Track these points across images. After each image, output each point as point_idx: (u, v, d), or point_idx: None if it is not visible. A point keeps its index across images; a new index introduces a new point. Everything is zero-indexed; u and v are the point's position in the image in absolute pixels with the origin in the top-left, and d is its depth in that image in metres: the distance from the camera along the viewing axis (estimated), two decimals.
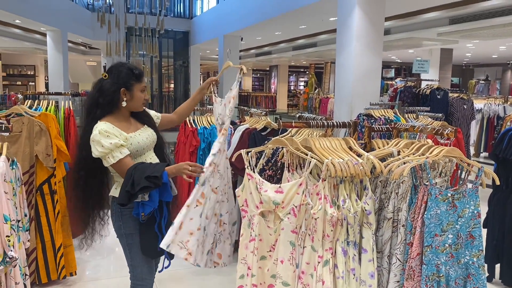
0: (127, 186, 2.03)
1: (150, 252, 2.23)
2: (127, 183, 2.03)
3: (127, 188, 2.02)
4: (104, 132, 2.12)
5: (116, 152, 2.11)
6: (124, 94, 2.25)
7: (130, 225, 2.21)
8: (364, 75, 5.86)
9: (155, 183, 2.03)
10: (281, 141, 2.02)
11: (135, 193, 2.02)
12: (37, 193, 3.23)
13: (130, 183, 2.03)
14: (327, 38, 11.35)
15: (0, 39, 12.05)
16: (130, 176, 2.04)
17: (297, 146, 2.01)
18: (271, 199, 1.97)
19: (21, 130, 3.17)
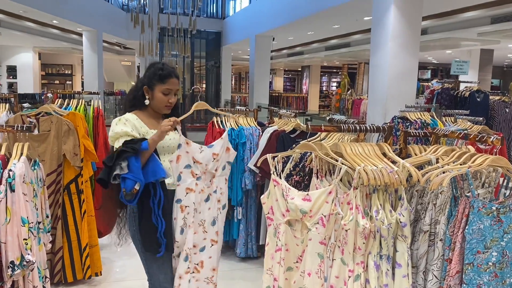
0: (107, 161, 1.99)
1: (150, 247, 2.13)
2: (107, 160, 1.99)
3: (106, 161, 1.99)
4: (123, 120, 2.16)
5: (122, 138, 2.09)
6: (146, 92, 2.26)
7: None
8: (399, 76, 5.65)
9: (132, 148, 1.97)
10: (309, 145, 1.90)
11: (112, 164, 1.95)
12: (64, 192, 3.24)
13: (110, 156, 1.99)
14: (361, 38, 11.08)
15: (39, 39, 12.40)
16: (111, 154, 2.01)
17: (326, 151, 1.88)
18: (298, 207, 1.85)
19: (50, 129, 3.18)
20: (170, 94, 2.22)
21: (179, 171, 2.14)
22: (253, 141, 3.79)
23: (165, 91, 2.20)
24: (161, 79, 2.19)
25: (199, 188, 2.19)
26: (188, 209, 2.16)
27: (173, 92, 2.24)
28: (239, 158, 3.75)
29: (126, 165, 1.96)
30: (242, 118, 4.00)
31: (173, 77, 2.21)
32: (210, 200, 2.25)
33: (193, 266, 2.23)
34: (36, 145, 3.17)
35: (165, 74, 2.20)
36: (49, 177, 3.17)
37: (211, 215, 2.26)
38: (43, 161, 3.18)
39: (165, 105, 2.23)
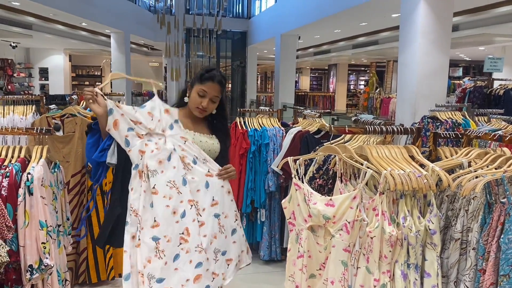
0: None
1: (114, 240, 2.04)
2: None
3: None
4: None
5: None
6: (188, 90, 2.23)
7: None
8: (429, 74, 5.47)
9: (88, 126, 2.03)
10: (332, 148, 1.83)
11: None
12: (89, 194, 3.25)
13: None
14: (389, 36, 10.83)
15: (69, 41, 12.69)
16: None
17: (350, 154, 1.80)
18: (321, 213, 1.78)
19: (74, 131, 3.20)
20: (205, 98, 2.13)
21: (124, 135, 1.96)
22: (276, 142, 3.72)
23: (200, 92, 2.13)
24: (201, 79, 2.14)
25: (151, 148, 1.99)
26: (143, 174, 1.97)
27: (209, 96, 2.13)
28: (262, 160, 3.69)
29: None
30: (265, 118, 3.94)
31: (213, 82, 2.12)
32: (172, 158, 2.01)
33: (178, 236, 1.97)
34: (61, 147, 3.20)
35: (206, 76, 2.14)
36: (74, 178, 3.19)
37: (178, 174, 2.01)
38: (68, 162, 3.20)
39: (196, 107, 2.15)
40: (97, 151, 1.99)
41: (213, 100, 2.16)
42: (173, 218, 1.95)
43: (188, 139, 2.08)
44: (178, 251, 1.94)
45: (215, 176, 2.12)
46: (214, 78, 2.13)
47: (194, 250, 1.96)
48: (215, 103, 2.19)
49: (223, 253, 2.09)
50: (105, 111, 1.95)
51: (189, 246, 1.95)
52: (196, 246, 1.97)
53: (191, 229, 1.97)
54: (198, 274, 1.97)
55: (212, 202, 2.07)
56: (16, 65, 16.15)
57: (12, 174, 1.61)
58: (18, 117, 3.34)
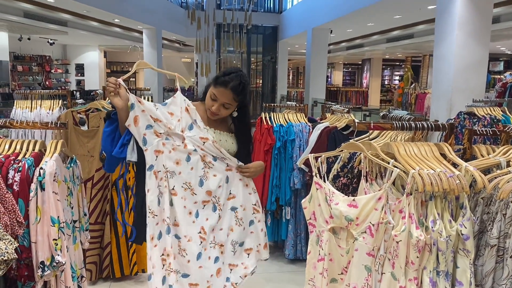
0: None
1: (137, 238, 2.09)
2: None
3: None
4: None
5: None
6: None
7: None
8: (466, 68, 5.21)
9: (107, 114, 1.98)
10: (356, 145, 1.71)
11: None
12: (113, 188, 3.25)
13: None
14: (425, 29, 10.45)
15: (103, 37, 12.94)
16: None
17: (376, 151, 1.68)
18: (343, 214, 1.67)
19: (99, 125, 3.20)
20: (216, 102, 2.02)
21: (142, 133, 1.91)
22: (302, 138, 3.61)
23: (212, 95, 2.03)
24: (215, 82, 2.03)
25: (168, 148, 1.94)
26: (160, 174, 1.94)
27: (219, 102, 2.02)
28: (287, 156, 3.59)
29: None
30: (291, 114, 3.83)
31: (225, 88, 1.98)
32: (192, 159, 1.98)
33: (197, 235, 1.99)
34: (86, 141, 3.21)
35: (221, 80, 2.01)
36: (98, 173, 3.19)
37: (196, 175, 1.98)
38: (92, 157, 3.21)
39: (208, 108, 2.06)
40: (117, 147, 1.94)
41: (225, 106, 2.04)
42: (189, 219, 1.99)
43: (208, 138, 2.00)
44: (200, 249, 2.00)
45: (234, 170, 2.11)
46: (227, 84, 1.99)
47: (209, 246, 2.02)
48: (228, 109, 2.06)
49: (241, 244, 2.14)
50: (126, 105, 1.90)
51: (206, 243, 2.01)
52: (210, 242, 2.03)
53: (205, 227, 2.01)
54: (218, 268, 2.04)
55: (229, 195, 2.10)
56: (54, 61, 16.67)
57: (24, 169, 1.59)
58: (44, 111, 3.38)
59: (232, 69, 2.06)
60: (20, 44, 13.69)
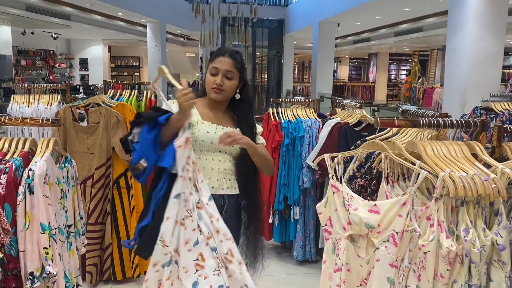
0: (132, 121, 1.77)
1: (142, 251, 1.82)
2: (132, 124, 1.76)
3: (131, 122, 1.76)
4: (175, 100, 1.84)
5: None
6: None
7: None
8: (481, 62, 5.02)
9: (147, 115, 1.70)
10: (378, 144, 1.54)
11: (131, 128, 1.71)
12: (114, 187, 3.10)
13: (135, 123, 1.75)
14: (434, 22, 10.22)
15: (107, 31, 12.78)
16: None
17: (400, 151, 1.51)
18: (363, 221, 1.51)
19: (99, 121, 3.05)
20: (218, 75, 1.89)
21: (185, 157, 1.69)
22: (312, 135, 3.44)
23: (212, 70, 1.91)
24: (211, 57, 1.94)
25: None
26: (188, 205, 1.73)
27: (221, 72, 1.89)
28: (296, 154, 3.43)
29: (138, 133, 1.68)
30: (300, 109, 3.66)
31: (223, 55, 1.90)
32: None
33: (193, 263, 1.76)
34: (85, 137, 3.06)
35: (216, 53, 1.94)
36: (98, 171, 3.05)
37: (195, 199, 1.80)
38: (92, 154, 3.07)
39: (211, 87, 1.91)
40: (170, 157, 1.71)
41: (228, 76, 1.90)
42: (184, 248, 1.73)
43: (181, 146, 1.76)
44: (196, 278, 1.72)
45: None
46: (224, 53, 1.92)
47: (212, 275, 1.72)
48: (231, 79, 1.92)
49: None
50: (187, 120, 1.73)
51: (206, 272, 1.72)
52: (213, 270, 1.73)
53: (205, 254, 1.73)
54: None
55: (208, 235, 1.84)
56: (58, 56, 16.55)
57: (11, 170, 1.44)
58: (42, 106, 3.23)
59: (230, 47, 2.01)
60: (23, 39, 13.56)
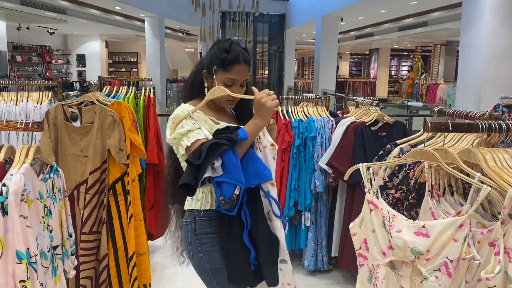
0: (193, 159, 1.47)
1: (237, 278, 1.61)
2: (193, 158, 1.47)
3: (192, 159, 1.47)
4: (185, 111, 1.64)
5: (192, 133, 1.57)
6: (205, 78, 1.75)
7: (216, 257, 1.64)
8: (498, 56, 4.76)
9: (228, 138, 1.47)
10: (428, 153, 1.28)
11: (201, 162, 1.44)
12: (110, 193, 2.84)
13: (197, 155, 1.47)
14: (440, 16, 9.95)
15: (104, 26, 12.47)
16: (197, 149, 1.50)
17: (453, 161, 1.25)
18: (409, 245, 1.24)
19: (93, 121, 2.78)
20: (235, 85, 1.67)
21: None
22: (324, 135, 3.19)
23: (228, 81, 1.66)
24: (224, 65, 1.65)
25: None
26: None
27: (239, 83, 1.68)
28: (307, 155, 3.17)
29: (220, 164, 1.47)
30: (311, 107, 3.40)
31: (241, 63, 1.66)
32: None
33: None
34: (78, 139, 2.79)
35: (231, 58, 1.65)
36: (93, 176, 2.78)
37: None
38: (86, 157, 2.80)
39: (225, 100, 1.68)
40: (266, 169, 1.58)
41: (242, 84, 1.71)
42: None
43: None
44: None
45: None
46: (240, 58, 1.65)
47: None
48: (245, 87, 1.73)
49: None
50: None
51: None
52: None
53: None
54: None
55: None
56: (54, 51, 16.22)
57: None
58: (32, 105, 2.96)
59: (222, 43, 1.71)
60: (19, 34, 13.25)
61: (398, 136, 3.04)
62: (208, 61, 1.70)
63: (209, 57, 1.70)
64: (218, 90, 1.61)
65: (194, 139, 1.54)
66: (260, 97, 1.55)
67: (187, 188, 1.46)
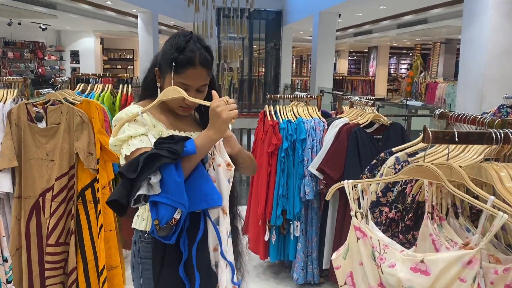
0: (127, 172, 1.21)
1: None
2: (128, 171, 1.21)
3: (125, 171, 1.21)
4: (129, 113, 1.40)
5: (133, 140, 1.33)
6: (158, 77, 1.49)
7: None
8: (501, 54, 4.51)
9: (171, 150, 1.20)
10: (429, 171, 1.02)
11: (136, 176, 1.19)
12: (78, 201, 2.59)
13: (131, 163, 1.22)
14: (441, 13, 9.70)
15: (96, 22, 12.19)
16: (135, 160, 1.24)
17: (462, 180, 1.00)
18: (403, 284, 1.00)
19: (60, 122, 2.54)
20: (188, 92, 1.40)
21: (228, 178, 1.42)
22: (315, 137, 2.94)
23: (179, 86, 1.39)
24: (176, 66, 1.37)
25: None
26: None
27: (194, 88, 1.41)
28: (297, 160, 2.92)
29: (159, 180, 1.21)
30: (301, 107, 3.15)
31: (195, 66, 1.38)
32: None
33: None
34: (44, 141, 2.55)
35: (183, 60, 1.36)
36: (59, 182, 2.54)
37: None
38: (52, 161, 2.55)
39: (178, 105, 1.43)
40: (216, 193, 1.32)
41: (200, 90, 1.43)
42: None
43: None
44: None
45: None
46: (193, 62, 1.37)
47: None
48: (203, 92, 1.45)
49: None
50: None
51: None
52: None
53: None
54: None
55: None
56: (47, 48, 15.93)
57: None
58: None
59: (177, 38, 1.43)
60: (10, 29, 12.97)
61: (396, 139, 2.80)
62: (162, 56, 1.44)
63: (162, 53, 1.44)
64: (173, 90, 1.35)
65: (135, 148, 1.30)
66: (216, 105, 1.28)
67: (117, 206, 1.22)
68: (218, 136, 1.30)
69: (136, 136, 1.32)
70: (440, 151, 1.44)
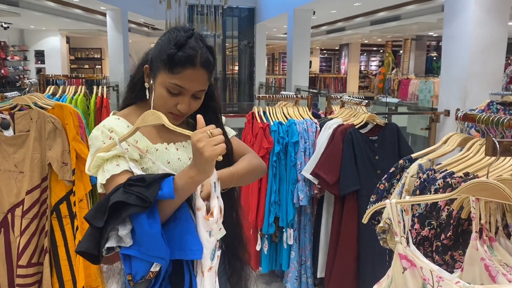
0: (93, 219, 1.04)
1: None
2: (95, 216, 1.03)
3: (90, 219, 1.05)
4: (107, 130, 1.19)
5: (108, 165, 1.14)
6: (147, 77, 1.27)
7: None
8: (484, 50, 4.47)
9: (141, 197, 0.99)
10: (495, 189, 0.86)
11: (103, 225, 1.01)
12: (53, 216, 2.35)
13: (98, 207, 1.04)
14: (414, 10, 9.75)
15: (62, 20, 11.67)
16: (103, 202, 1.04)
17: None
18: None
19: (29, 129, 2.28)
20: (183, 96, 1.20)
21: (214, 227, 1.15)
22: (308, 140, 2.78)
23: (173, 88, 1.19)
24: (171, 64, 1.16)
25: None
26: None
27: (189, 93, 1.20)
28: (289, 164, 2.75)
29: (129, 232, 1.02)
30: (291, 107, 2.98)
31: (195, 67, 1.17)
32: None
33: None
34: (12, 151, 2.29)
35: (181, 57, 1.15)
36: (30, 196, 2.28)
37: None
38: (22, 173, 2.29)
39: (168, 111, 1.22)
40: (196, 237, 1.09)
41: (197, 96, 1.23)
42: None
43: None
44: None
45: None
46: (194, 61, 1.16)
47: None
48: (200, 98, 1.25)
49: None
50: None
51: None
52: None
53: None
54: None
55: None
56: (10, 47, 15.20)
57: None
58: None
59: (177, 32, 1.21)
60: None
61: (391, 140, 2.67)
62: (154, 54, 1.23)
63: (156, 48, 1.24)
64: (152, 116, 1.12)
65: (110, 175, 1.10)
66: (197, 140, 1.02)
67: (88, 257, 1.03)
68: (202, 177, 1.05)
69: (111, 158, 1.11)
70: (470, 156, 1.29)
